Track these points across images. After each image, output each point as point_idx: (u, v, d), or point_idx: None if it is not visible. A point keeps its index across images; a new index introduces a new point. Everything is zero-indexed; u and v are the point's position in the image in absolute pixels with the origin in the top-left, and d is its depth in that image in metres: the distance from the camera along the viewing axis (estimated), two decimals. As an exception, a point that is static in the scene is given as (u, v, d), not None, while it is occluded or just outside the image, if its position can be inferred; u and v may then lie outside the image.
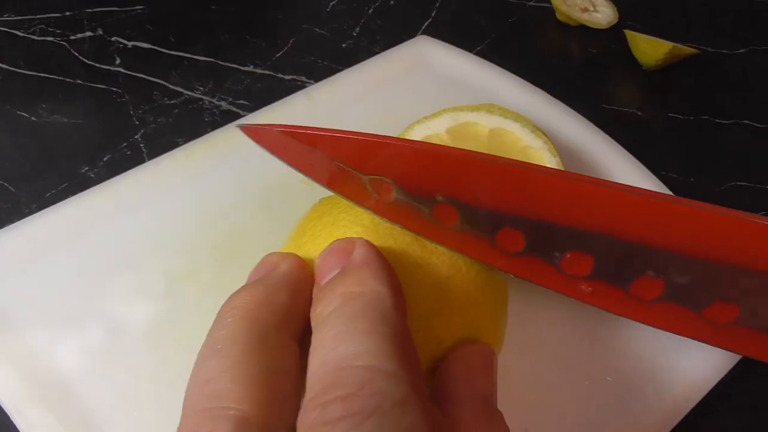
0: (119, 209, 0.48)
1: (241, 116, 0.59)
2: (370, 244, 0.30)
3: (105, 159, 0.56)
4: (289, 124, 0.33)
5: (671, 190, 0.52)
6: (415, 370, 0.24)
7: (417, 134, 0.47)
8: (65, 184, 0.53)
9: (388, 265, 0.29)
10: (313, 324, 0.27)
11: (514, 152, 0.44)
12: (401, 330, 0.25)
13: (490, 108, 0.47)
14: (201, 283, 0.45)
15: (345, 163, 0.32)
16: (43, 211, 0.47)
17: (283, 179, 0.50)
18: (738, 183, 0.58)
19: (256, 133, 0.33)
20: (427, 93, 0.49)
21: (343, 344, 0.24)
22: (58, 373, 0.40)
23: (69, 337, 0.42)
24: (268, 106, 0.55)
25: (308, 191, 0.50)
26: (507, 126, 0.45)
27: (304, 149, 0.32)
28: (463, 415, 0.27)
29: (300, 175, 0.50)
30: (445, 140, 0.45)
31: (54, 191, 0.53)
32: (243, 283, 0.44)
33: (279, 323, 0.28)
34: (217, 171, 0.51)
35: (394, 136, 0.45)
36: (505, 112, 0.47)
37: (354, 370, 0.23)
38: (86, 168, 0.55)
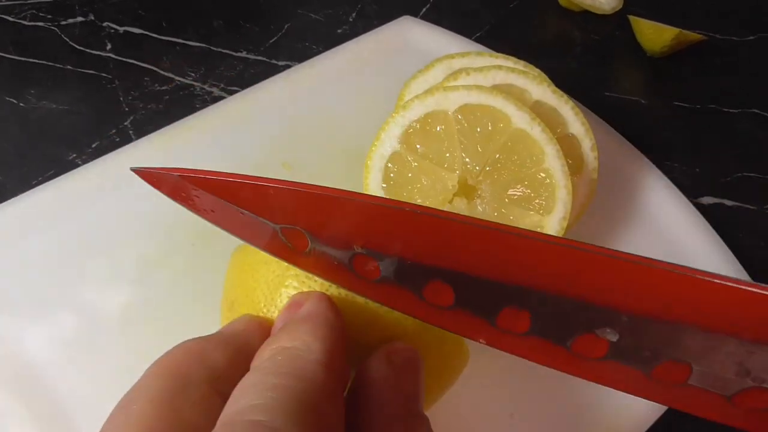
0: (91, 193, 0.47)
1: (234, 103, 0.58)
2: (322, 298, 0.29)
3: (93, 146, 0.55)
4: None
5: (675, 180, 0.51)
6: (320, 427, 0.23)
7: (415, 90, 0.48)
8: (52, 171, 0.53)
9: (334, 321, 0.28)
10: None
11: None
12: (319, 386, 0.24)
13: (479, 53, 0.49)
14: (176, 268, 0.44)
15: (252, 211, 0.30)
16: (13, 198, 0.46)
17: (257, 162, 0.50)
18: (745, 174, 0.57)
19: (152, 178, 0.31)
20: (409, 74, 0.49)
21: (244, 397, 0.23)
22: (28, 362, 0.40)
23: (39, 324, 0.41)
24: (248, 89, 0.55)
25: (285, 175, 0.49)
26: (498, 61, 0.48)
27: (205, 195, 0.30)
28: (381, 415, 0.27)
29: (281, 157, 0.50)
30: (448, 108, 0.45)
31: (41, 178, 0.52)
32: (219, 267, 0.44)
33: (208, 379, 0.27)
34: (194, 153, 0.50)
35: (377, 117, 0.46)
36: (495, 56, 0.49)
37: (241, 424, 0.22)
38: (74, 155, 0.54)
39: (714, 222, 0.50)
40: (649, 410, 0.40)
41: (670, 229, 0.49)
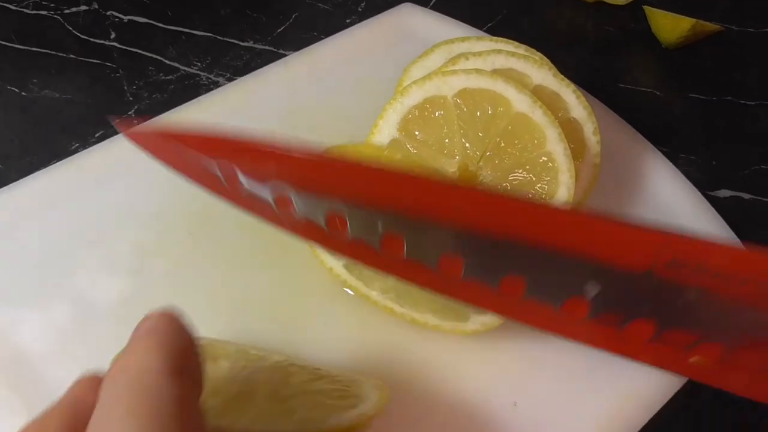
0: (86, 182, 0.47)
1: (238, 92, 0.58)
2: (164, 312, 0.29)
3: (97, 135, 0.55)
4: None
5: (691, 173, 0.51)
6: None
7: (415, 75, 0.47)
8: (55, 161, 0.53)
9: (176, 328, 0.28)
10: None
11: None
12: (168, 397, 0.24)
13: (479, 38, 0.49)
14: (173, 258, 0.44)
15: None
16: (6, 186, 0.46)
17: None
18: (762, 167, 0.56)
19: (137, 136, 0.32)
20: (410, 61, 0.49)
21: None
22: (22, 352, 0.39)
23: (33, 314, 0.41)
24: (247, 76, 0.55)
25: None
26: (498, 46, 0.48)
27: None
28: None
29: None
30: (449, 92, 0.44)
31: (43, 168, 0.52)
32: (216, 256, 0.44)
33: None
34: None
35: (377, 105, 0.45)
36: (495, 41, 0.48)
37: None
38: (77, 144, 0.54)
39: (731, 215, 0.49)
40: (655, 397, 0.40)
41: (678, 219, 0.48)
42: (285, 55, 0.62)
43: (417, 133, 0.44)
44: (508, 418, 0.39)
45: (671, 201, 0.49)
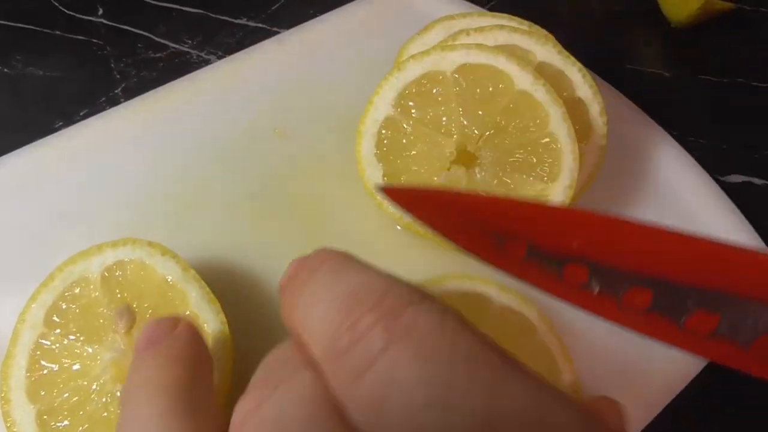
0: (67, 161, 0.46)
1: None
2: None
3: (81, 114, 0.54)
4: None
5: (701, 157, 0.49)
6: None
7: (413, 51, 0.45)
8: (37, 140, 0.51)
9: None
10: None
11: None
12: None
13: (481, 13, 0.47)
14: (154, 239, 0.42)
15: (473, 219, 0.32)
16: None
17: (247, 129, 0.48)
18: (774, 150, 0.54)
19: (396, 194, 0.32)
20: (406, 38, 0.47)
21: None
22: (2, 335, 0.38)
23: (12, 296, 0.40)
24: (239, 53, 0.53)
25: (274, 142, 0.48)
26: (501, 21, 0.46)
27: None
28: None
29: (272, 123, 0.49)
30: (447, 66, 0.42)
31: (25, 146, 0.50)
32: (200, 241, 0.42)
33: None
34: (176, 120, 0.49)
35: (373, 83, 0.43)
36: (498, 16, 0.47)
37: None
38: (61, 123, 0.53)
39: (743, 201, 0.47)
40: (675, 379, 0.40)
41: (687, 203, 0.46)
42: (279, 33, 0.61)
43: (413, 110, 0.42)
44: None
45: (681, 186, 0.47)
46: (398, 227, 0.44)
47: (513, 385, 0.21)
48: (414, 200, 0.32)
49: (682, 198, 0.47)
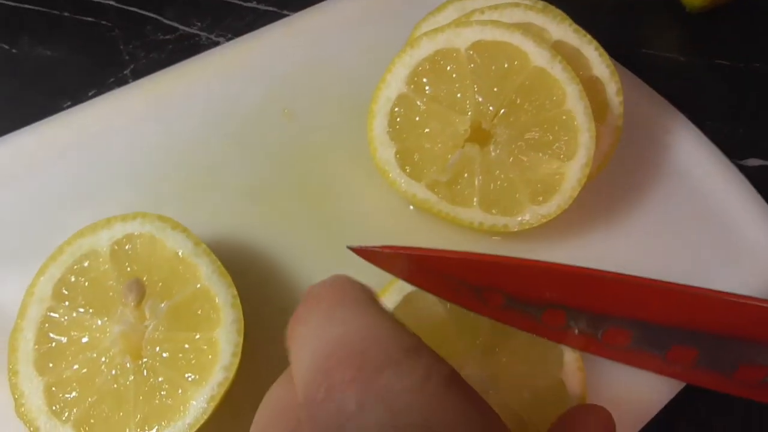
0: (75, 140, 0.46)
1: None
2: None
3: (90, 95, 0.53)
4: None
5: (717, 142, 0.48)
6: None
7: (426, 30, 0.44)
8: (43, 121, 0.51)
9: None
10: None
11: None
12: None
13: None
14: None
15: (456, 276, 0.33)
16: None
17: (256, 110, 0.48)
18: (792, 136, 0.54)
19: (367, 254, 0.33)
20: (417, 20, 0.46)
21: None
22: (4, 313, 0.38)
23: (16, 276, 0.40)
24: (249, 34, 0.52)
25: (285, 124, 0.47)
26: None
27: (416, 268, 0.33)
28: None
29: (281, 105, 0.48)
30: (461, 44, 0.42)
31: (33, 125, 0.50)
32: (208, 219, 0.42)
33: None
34: (185, 100, 0.48)
35: (383, 65, 0.43)
36: None
37: None
38: (69, 103, 0.52)
39: (761, 185, 0.47)
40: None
41: (704, 186, 0.46)
42: (290, 16, 0.60)
43: (427, 87, 0.42)
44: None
45: (699, 169, 0.47)
46: (411, 207, 0.44)
47: None
48: (389, 260, 0.33)
49: (700, 181, 0.46)
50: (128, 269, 0.36)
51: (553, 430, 0.31)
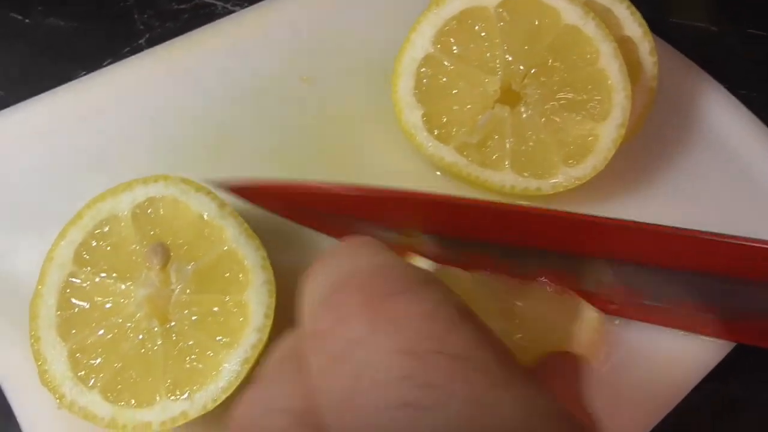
0: (91, 107, 0.45)
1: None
2: None
3: (104, 64, 0.52)
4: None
5: (754, 111, 0.47)
6: None
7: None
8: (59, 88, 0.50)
9: None
10: None
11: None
12: None
13: None
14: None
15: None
16: (7, 108, 0.44)
17: (274, 77, 0.47)
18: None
19: (249, 192, 0.34)
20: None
21: None
22: (20, 280, 0.38)
23: (32, 241, 0.39)
24: (264, 1, 0.51)
25: (304, 91, 0.46)
26: None
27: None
28: None
29: (299, 72, 0.48)
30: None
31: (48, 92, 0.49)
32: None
33: None
34: (202, 68, 0.47)
35: (403, 30, 0.43)
36: None
37: None
38: (84, 72, 0.51)
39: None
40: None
41: (740, 153, 0.45)
42: (307, -16, 0.59)
43: (454, 47, 0.41)
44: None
45: (733, 134, 0.46)
46: (437, 173, 0.43)
47: (503, 393, 0.19)
48: (260, 194, 0.34)
49: (735, 147, 0.45)
50: (151, 233, 0.35)
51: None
